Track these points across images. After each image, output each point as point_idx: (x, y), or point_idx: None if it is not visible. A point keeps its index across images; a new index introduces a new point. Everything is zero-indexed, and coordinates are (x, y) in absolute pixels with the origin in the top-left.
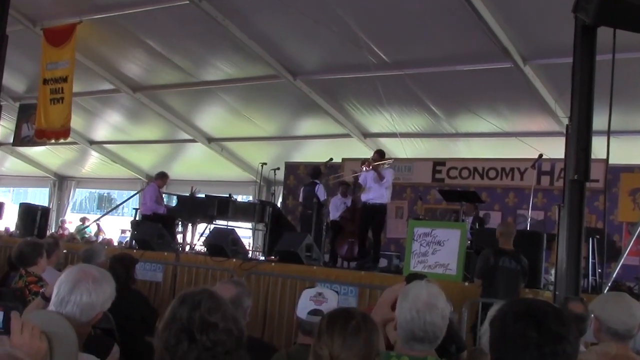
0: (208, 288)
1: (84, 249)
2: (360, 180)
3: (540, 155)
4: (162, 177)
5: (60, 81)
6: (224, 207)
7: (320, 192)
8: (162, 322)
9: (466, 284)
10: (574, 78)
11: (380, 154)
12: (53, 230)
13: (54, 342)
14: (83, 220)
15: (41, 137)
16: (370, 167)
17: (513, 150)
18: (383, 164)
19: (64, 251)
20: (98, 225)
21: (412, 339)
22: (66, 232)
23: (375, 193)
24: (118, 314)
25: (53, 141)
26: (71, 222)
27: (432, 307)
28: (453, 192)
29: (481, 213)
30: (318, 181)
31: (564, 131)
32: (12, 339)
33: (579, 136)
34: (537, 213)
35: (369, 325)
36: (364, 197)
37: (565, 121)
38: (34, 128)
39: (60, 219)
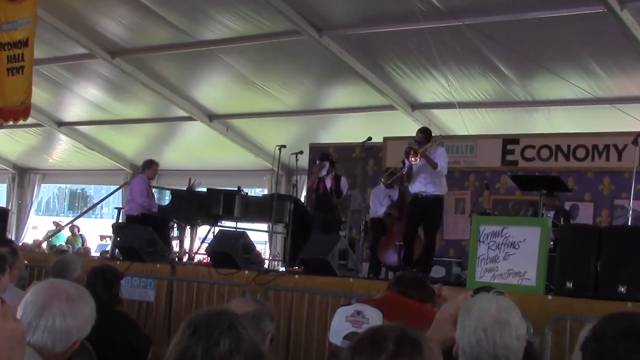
0: (225, 310)
1: (54, 261)
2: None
3: None
4: (150, 165)
5: (20, 45)
6: (231, 203)
7: None
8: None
9: (549, 297)
10: None
11: (426, 134)
12: (13, 238)
13: None
14: (57, 225)
15: None
16: (419, 158)
17: (608, 121)
18: (431, 145)
19: (25, 262)
20: (73, 229)
21: None
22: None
23: (428, 182)
24: (99, 343)
25: (11, 123)
26: (36, 228)
27: (503, 324)
28: (530, 178)
29: (567, 205)
30: None
31: None
32: None
33: None
34: None
35: (409, 354)
36: (413, 188)
37: None
38: None
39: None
